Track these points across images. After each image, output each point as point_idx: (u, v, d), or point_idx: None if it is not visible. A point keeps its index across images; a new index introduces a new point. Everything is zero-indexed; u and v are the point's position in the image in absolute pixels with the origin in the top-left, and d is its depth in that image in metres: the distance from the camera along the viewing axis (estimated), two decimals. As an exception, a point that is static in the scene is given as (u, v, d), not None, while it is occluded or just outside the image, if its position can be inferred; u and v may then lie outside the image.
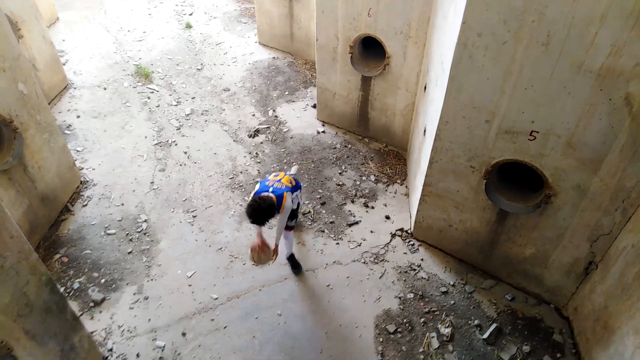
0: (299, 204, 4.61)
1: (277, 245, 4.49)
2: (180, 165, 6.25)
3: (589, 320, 4.15)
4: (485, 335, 4.41)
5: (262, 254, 4.36)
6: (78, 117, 6.94)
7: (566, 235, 4.13)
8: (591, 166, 3.64)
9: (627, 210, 3.69)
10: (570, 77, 3.33)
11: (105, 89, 7.54)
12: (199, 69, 8.09)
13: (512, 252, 4.61)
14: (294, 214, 4.54)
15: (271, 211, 4.04)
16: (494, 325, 4.47)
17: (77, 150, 6.38)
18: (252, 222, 4.04)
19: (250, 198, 4.13)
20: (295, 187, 4.46)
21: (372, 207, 5.70)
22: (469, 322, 4.57)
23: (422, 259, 5.13)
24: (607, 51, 3.09)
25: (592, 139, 3.51)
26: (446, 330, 4.46)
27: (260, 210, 3.96)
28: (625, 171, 3.51)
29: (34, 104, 5.00)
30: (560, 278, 4.45)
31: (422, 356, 4.31)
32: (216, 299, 4.74)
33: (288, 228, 4.69)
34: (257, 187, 4.27)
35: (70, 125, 6.79)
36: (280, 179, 4.36)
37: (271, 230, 4.80)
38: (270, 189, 4.19)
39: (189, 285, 4.85)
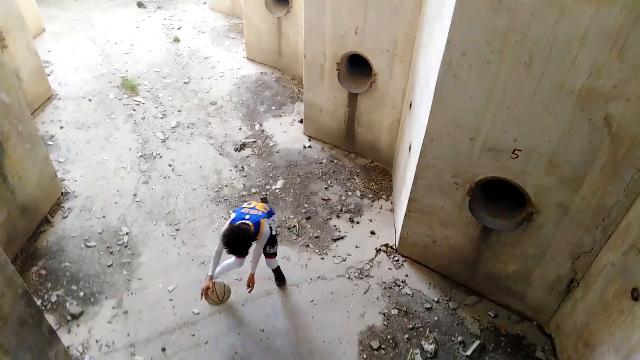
0: (276, 229, 4.51)
1: (253, 275, 4.41)
2: (165, 177, 6.19)
3: (571, 337, 4.18)
4: (469, 352, 4.40)
5: (211, 293, 4.31)
6: (61, 127, 6.85)
7: (548, 252, 4.18)
8: (573, 184, 3.70)
9: (608, 229, 3.76)
10: (551, 97, 3.41)
11: (90, 100, 7.47)
12: (186, 83, 8.09)
13: (496, 268, 4.64)
14: (273, 240, 4.47)
15: (250, 239, 3.94)
16: (477, 342, 4.46)
17: (59, 161, 6.28)
18: (230, 252, 3.95)
19: (225, 227, 4.03)
20: (270, 213, 4.40)
21: (358, 223, 5.71)
22: (453, 338, 4.56)
23: (406, 275, 5.12)
24: (587, 72, 3.18)
25: (574, 158, 3.58)
26: (430, 347, 4.44)
27: (238, 239, 3.86)
28: (606, 190, 3.58)
29: (16, 114, 4.93)
30: (542, 295, 4.49)
31: (405, 373, 4.28)
32: (198, 313, 4.65)
33: (272, 255, 4.61)
34: (233, 215, 4.19)
35: (53, 136, 6.69)
36: (254, 206, 4.29)
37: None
38: (247, 217, 4.11)
39: (170, 300, 4.76)
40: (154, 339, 4.43)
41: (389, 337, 4.54)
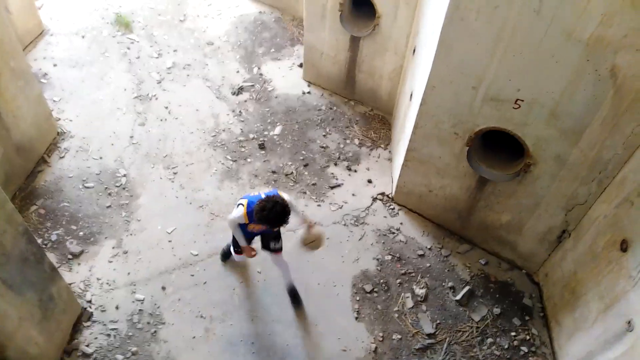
0: None
1: (310, 221, 4.01)
2: (161, 120, 6.11)
3: (558, 285, 4.32)
4: (458, 297, 4.57)
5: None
6: (55, 65, 6.66)
7: (542, 203, 4.23)
8: (572, 137, 3.68)
9: (603, 182, 3.79)
10: (559, 46, 3.32)
11: (83, 37, 7.22)
12: (181, 20, 7.79)
13: (489, 218, 4.71)
14: (278, 235, 4.17)
15: (288, 207, 3.57)
16: (466, 288, 4.62)
17: (54, 100, 6.16)
18: (274, 225, 3.57)
19: (243, 211, 3.64)
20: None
21: (355, 171, 5.72)
22: (443, 284, 4.71)
23: (401, 223, 5.21)
24: (597, 20, 3.06)
25: (576, 110, 3.54)
26: (421, 291, 4.59)
27: (284, 207, 3.47)
28: (605, 143, 3.57)
29: (7, 48, 4.76)
30: (533, 245, 4.59)
31: (396, 315, 4.46)
32: (196, 255, 4.76)
33: (278, 250, 4.23)
34: (244, 201, 3.73)
35: (46, 73, 6.52)
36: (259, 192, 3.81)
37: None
38: (263, 195, 3.63)
39: (169, 241, 4.85)
40: (154, 278, 4.56)
41: (381, 281, 4.69)
